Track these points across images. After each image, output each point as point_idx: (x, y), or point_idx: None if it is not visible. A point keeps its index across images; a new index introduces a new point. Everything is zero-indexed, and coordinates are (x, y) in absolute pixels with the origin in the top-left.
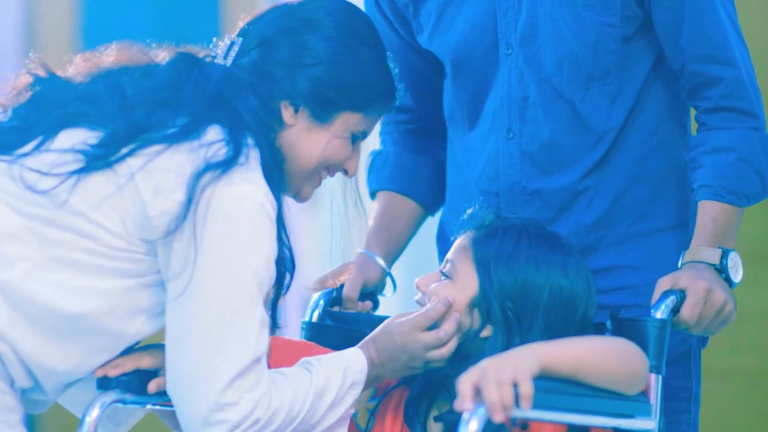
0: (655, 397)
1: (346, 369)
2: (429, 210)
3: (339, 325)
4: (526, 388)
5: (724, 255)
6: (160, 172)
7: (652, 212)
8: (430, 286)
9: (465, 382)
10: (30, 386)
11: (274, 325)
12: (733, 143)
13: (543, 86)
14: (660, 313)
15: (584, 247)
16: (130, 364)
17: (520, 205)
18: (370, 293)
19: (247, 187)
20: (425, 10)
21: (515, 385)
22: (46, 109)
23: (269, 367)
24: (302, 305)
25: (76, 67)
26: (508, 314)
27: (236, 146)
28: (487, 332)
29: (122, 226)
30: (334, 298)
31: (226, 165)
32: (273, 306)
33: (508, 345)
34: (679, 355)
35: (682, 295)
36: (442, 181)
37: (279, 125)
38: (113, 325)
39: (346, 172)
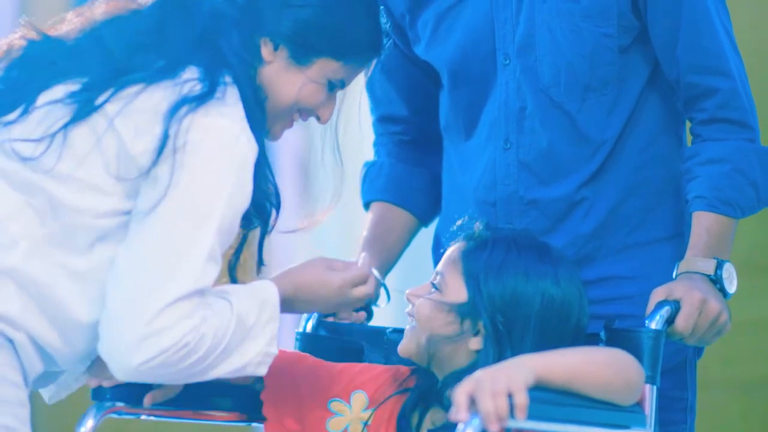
0: (650, 407)
1: (263, 302)
2: (423, 221)
3: (333, 335)
4: (521, 399)
5: (719, 266)
6: (138, 112)
7: (648, 223)
8: (418, 299)
9: (460, 393)
10: (41, 371)
11: (260, 263)
12: (728, 154)
13: (540, 96)
14: (655, 324)
15: (581, 257)
16: None
17: (517, 215)
18: (365, 304)
19: (222, 121)
20: (422, 20)
21: (510, 396)
22: (35, 70)
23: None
24: (296, 315)
25: (69, 24)
26: (499, 327)
27: (212, 83)
28: (476, 345)
29: (107, 177)
30: None
31: (201, 99)
32: (260, 243)
33: (499, 358)
34: (674, 366)
35: (676, 306)
36: (437, 192)
37: (258, 62)
38: None
39: (318, 119)
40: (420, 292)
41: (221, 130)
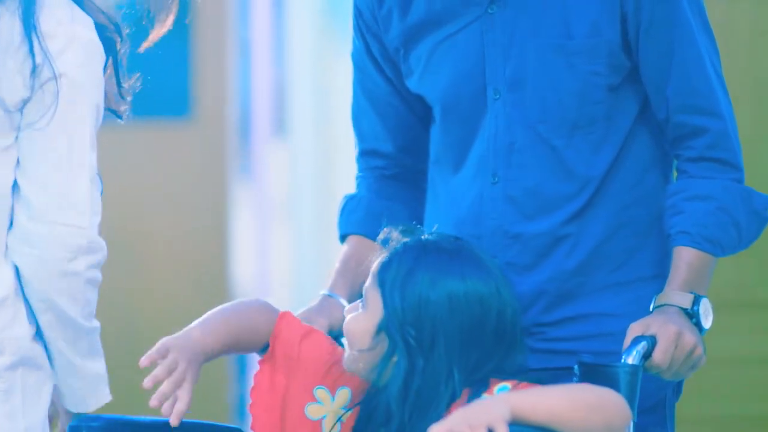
0: None
1: None
2: None
3: None
4: (502, 430)
5: (696, 301)
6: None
7: (633, 261)
8: (345, 319)
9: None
10: None
11: (119, 86)
12: (715, 193)
13: (529, 132)
14: (632, 359)
15: (564, 292)
16: None
17: (500, 248)
18: (334, 337)
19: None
20: (416, 54)
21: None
22: None
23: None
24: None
25: None
26: (409, 340)
27: None
28: (396, 359)
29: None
30: None
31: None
32: (118, 85)
33: (411, 368)
34: (654, 404)
35: (653, 341)
36: None
37: None
38: None
39: None
40: (352, 310)
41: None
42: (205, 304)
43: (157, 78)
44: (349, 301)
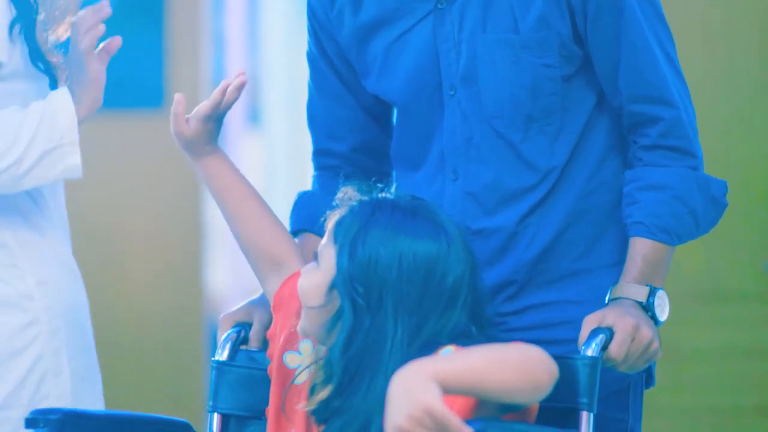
0: None
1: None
2: None
3: (249, 364)
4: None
5: (652, 293)
6: None
7: (596, 249)
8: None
9: None
10: None
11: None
12: (669, 181)
13: (485, 127)
14: (591, 351)
15: (526, 282)
16: None
17: None
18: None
19: None
20: (371, 54)
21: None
22: None
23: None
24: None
25: None
26: (356, 298)
27: None
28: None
29: None
30: (243, 337)
31: None
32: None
33: (356, 327)
34: (618, 389)
35: (610, 333)
36: None
37: None
38: None
39: None
40: (309, 269)
41: None
42: (179, 292)
43: (130, 69)
44: None
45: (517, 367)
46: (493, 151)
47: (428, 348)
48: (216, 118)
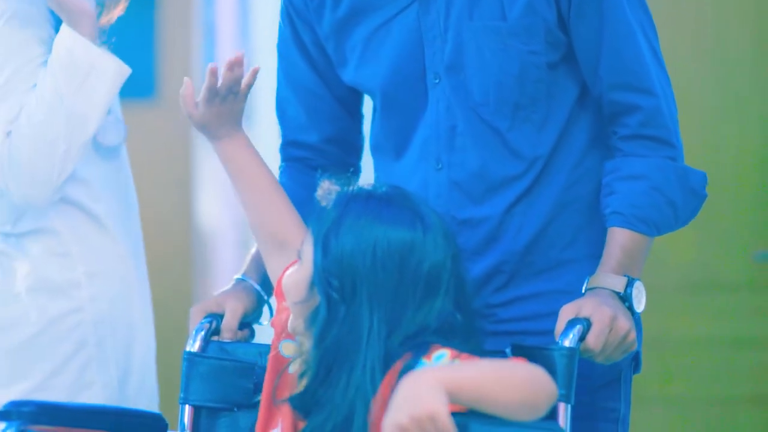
0: (565, 426)
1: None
2: None
3: (221, 355)
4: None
5: (629, 283)
6: None
7: (583, 238)
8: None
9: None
10: None
11: None
12: (648, 172)
13: (470, 115)
14: (569, 341)
15: (515, 273)
16: None
17: None
18: (247, 322)
19: None
20: (350, 44)
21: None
22: None
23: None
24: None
25: None
26: (330, 293)
27: None
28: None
29: None
30: (215, 328)
31: None
32: None
33: (331, 319)
34: (610, 380)
35: (588, 324)
36: None
37: None
38: None
39: None
40: (294, 265)
41: None
42: (171, 284)
43: (122, 59)
44: (262, 286)
45: (521, 387)
46: (479, 140)
47: (418, 347)
48: (226, 101)
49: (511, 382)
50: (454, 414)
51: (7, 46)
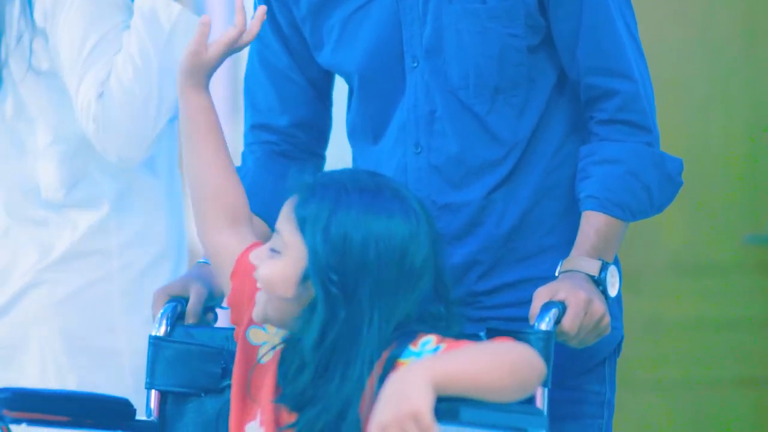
0: (542, 408)
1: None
2: None
3: (187, 339)
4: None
5: (604, 267)
6: None
7: (564, 224)
8: (258, 269)
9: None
10: None
11: None
12: (624, 156)
13: (449, 99)
14: (545, 325)
15: (497, 259)
16: None
17: None
18: (211, 305)
19: None
20: (327, 26)
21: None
22: None
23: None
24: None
25: None
26: (331, 288)
27: None
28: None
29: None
30: (180, 311)
31: None
32: None
33: (331, 318)
34: (595, 364)
35: (563, 307)
36: None
37: None
38: None
39: None
40: (263, 256)
41: None
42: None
43: None
44: None
45: (512, 369)
46: (458, 124)
47: (405, 335)
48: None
49: (502, 365)
50: (444, 399)
51: (90, 16)
